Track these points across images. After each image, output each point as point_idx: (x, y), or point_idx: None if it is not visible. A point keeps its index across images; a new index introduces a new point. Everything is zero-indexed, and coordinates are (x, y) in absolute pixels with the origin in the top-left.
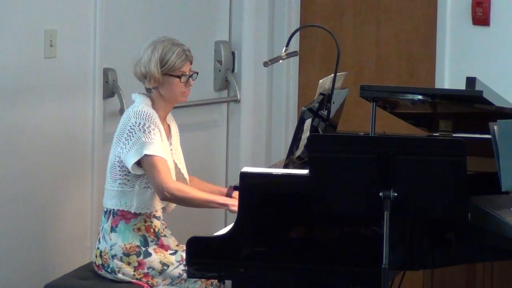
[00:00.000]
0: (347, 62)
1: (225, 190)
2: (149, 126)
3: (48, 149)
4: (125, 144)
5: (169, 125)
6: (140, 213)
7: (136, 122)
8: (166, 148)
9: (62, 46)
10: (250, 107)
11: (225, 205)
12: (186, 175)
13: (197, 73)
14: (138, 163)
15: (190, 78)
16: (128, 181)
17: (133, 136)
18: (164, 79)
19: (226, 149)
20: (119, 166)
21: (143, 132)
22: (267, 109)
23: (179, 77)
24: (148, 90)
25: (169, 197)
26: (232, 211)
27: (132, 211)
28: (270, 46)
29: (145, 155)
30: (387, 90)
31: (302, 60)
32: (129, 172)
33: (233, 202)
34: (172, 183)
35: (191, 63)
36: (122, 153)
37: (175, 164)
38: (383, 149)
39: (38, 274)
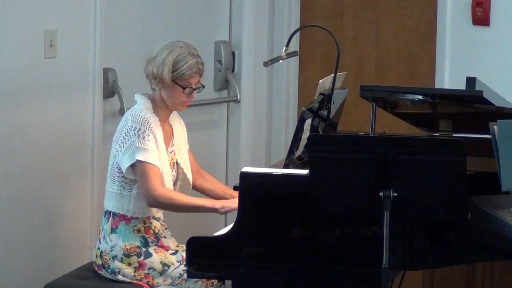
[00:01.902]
0: (347, 62)
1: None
2: (144, 132)
3: (48, 149)
4: (121, 146)
5: (171, 126)
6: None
7: (132, 126)
8: (162, 154)
9: (62, 46)
10: (250, 107)
11: (214, 209)
12: (189, 175)
13: (204, 86)
14: (132, 168)
15: (195, 91)
16: (126, 184)
17: (128, 140)
18: (171, 85)
19: (226, 149)
20: (117, 168)
21: (138, 137)
22: (267, 109)
23: (184, 87)
24: (153, 89)
25: (155, 204)
26: (222, 213)
27: (129, 216)
28: (270, 46)
29: (137, 160)
30: (387, 90)
31: (302, 60)
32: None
33: (223, 204)
34: (159, 190)
35: (200, 76)
36: (118, 155)
37: (179, 165)
38: (383, 149)
39: (38, 274)
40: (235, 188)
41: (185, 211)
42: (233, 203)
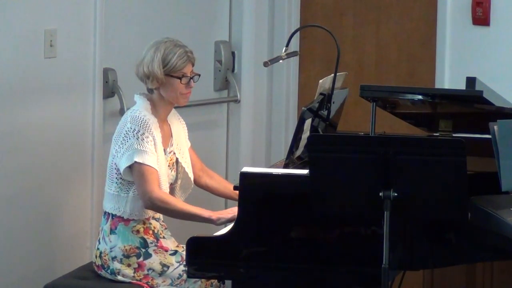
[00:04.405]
0: (347, 62)
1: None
2: (143, 133)
3: (48, 149)
4: (120, 148)
5: (170, 125)
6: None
7: (131, 128)
8: (160, 156)
9: (62, 46)
10: (250, 107)
11: (210, 220)
12: (190, 174)
13: (199, 75)
14: (130, 169)
15: (192, 80)
16: (123, 185)
17: (127, 142)
18: (166, 79)
19: (226, 149)
20: (115, 169)
21: (136, 139)
22: (267, 109)
23: (180, 78)
24: (150, 91)
25: (151, 206)
26: (218, 225)
27: (125, 217)
28: (270, 46)
29: (135, 162)
30: (387, 90)
31: (302, 60)
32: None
33: (219, 216)
34: (156, 193)
35: (193, 65)
36: (117, 156)
37: (179, 163)
38: (383, 149)
39: (38, 274)
40: (235, 188)
41: (180, 217)
42: (229, 214)
